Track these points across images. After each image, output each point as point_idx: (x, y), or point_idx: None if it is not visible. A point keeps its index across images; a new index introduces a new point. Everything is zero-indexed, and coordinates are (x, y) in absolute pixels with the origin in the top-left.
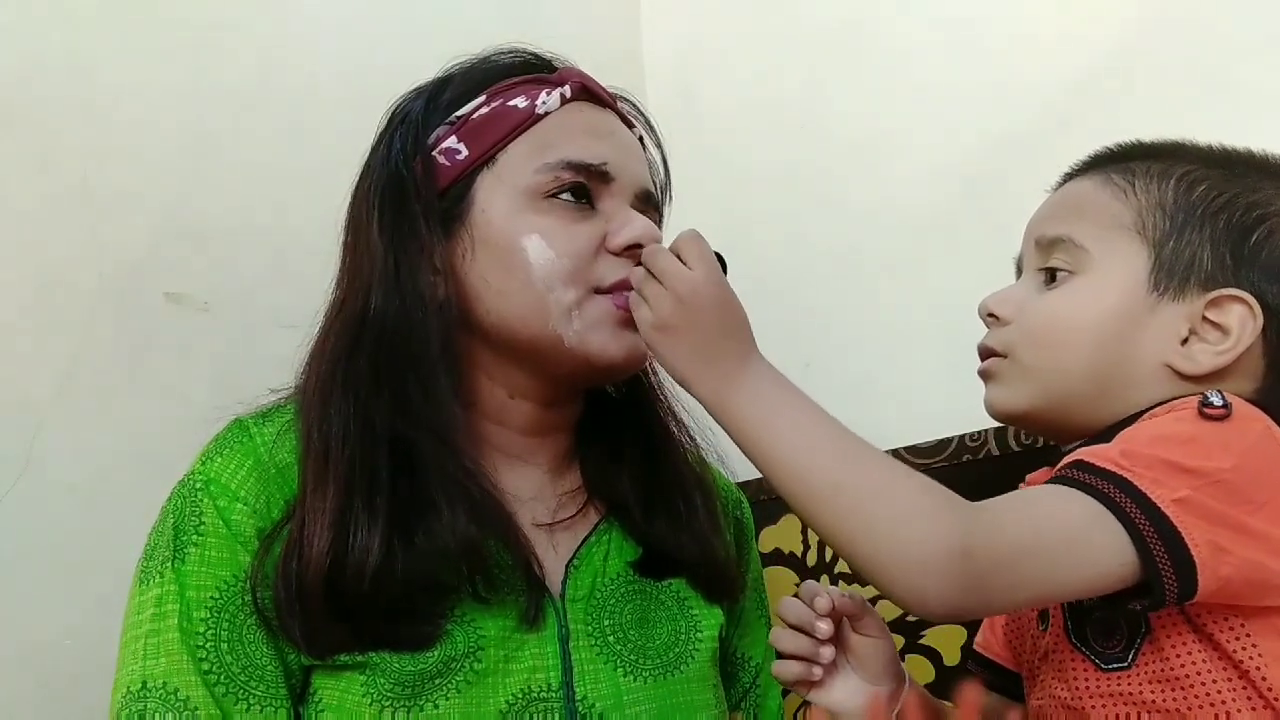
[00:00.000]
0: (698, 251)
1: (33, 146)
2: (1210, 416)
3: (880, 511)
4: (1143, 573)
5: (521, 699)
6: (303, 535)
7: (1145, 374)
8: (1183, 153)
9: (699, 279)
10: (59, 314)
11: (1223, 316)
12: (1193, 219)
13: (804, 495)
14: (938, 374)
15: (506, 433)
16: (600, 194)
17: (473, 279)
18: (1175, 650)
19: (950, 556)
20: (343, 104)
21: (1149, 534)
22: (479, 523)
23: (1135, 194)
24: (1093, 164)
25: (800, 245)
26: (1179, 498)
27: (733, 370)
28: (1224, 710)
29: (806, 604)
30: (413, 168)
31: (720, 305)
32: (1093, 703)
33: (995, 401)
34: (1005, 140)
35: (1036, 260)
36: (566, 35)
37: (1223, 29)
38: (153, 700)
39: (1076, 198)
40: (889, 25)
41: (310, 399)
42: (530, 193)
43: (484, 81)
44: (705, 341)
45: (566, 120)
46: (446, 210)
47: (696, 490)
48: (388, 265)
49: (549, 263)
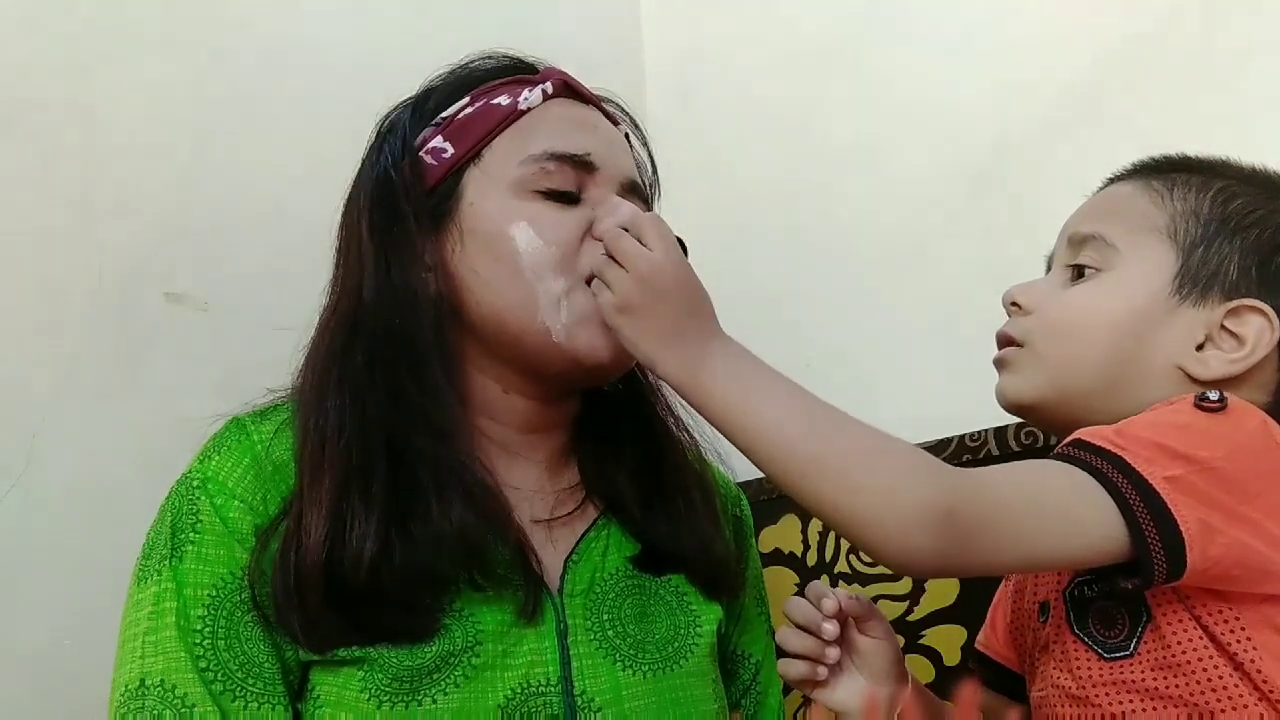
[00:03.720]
0: (657, 232)
1: (32, 148)
2: (1206, 409)
3: (863, 477)
4: (1132, 549)
5: (520, 693)
6: (300, 527)
7: (1157, 374)
8: (1224, 169)
9: (658, 259)
10: (59, 314)
11: (1240, 326)
12: (1225, 230)
13: (785, 467)
14: (937, 374)
15: (502, 429)
16: (585, 184)
17: (463, 271)
18: (1177, 638)
19: (934, 515)
20: (343, 104)
21: (1138, 508)
22: (475, 513)
23: (1172, 200)
24: (1135, 171)
25: (800, 246)
26: (1171, 476)
27: (699, 348)
28: (1226, 695)
29: (813, 605)
30: (401, 170)
31: (682, 284)
32: (1096, 691)
33: (1006, 390)
34: (1004, 142)
35: (1066, 256)
36: (567, 38)
37: (1222, 30)
38: (151, 698)
39: (1114, 199)
40: (889, 27)
41: (307, 396)
42: (516, 185)
43: (467, 84)
44: (669, 321)
45: (549, 114)
46: (435, 207)
47: (695, 487)
48: (379, 264)
49: (537, 250)
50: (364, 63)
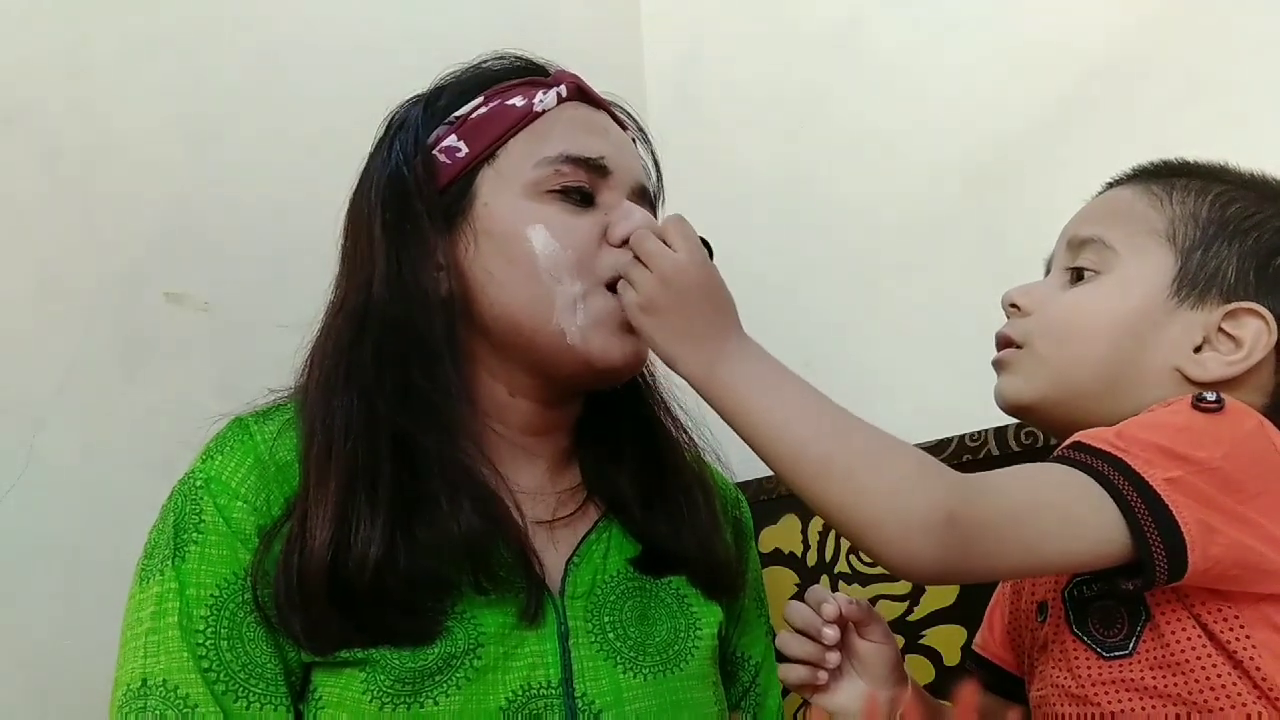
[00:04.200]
0: (682, 234)
1: (33, 146)
2: (1204, 409)
3: (869, 479)
4: (1134, 550)
5: (521, 695)
6: (305, 528)
7: (1155, 375)
8: (1223, 174)
9: (683, 260)
10: (59, 314)
11: (1238, 329)
12: (1224, 233)
13: (794, 466)
14: (937, 374)
15: (506, 430)
16: (599, 188)
17: (476, 272)
18: (1176, 637)
19: (936, 519)
20: (344, 104)
21: (1139, 509)
22: (482, 516)
23: (1171, 204)
24: (1135, 175)
25: (800, 246)
26: (1170, 477)
27: (719, 348)
28: (1225, 694)
29: (813, 609)
30: (413, 167)
31: (705, 285)
32: (1096, 690)
33: (1005, 391)
34: (1004, 141)
35: (1066, 259)
36: (567, 39)
37: (1220, 30)
38: (153, 698)
39: (1113, 203)
40: (888, 28)
41: (313, 394)
42: (531, 187)
43: (481, 84)
44: (691, 320)
45: (563, 117)
46: (449, 206)
47: (696, 487)
48: (390, 262)
49: (554, 253)
50: (365, 63)
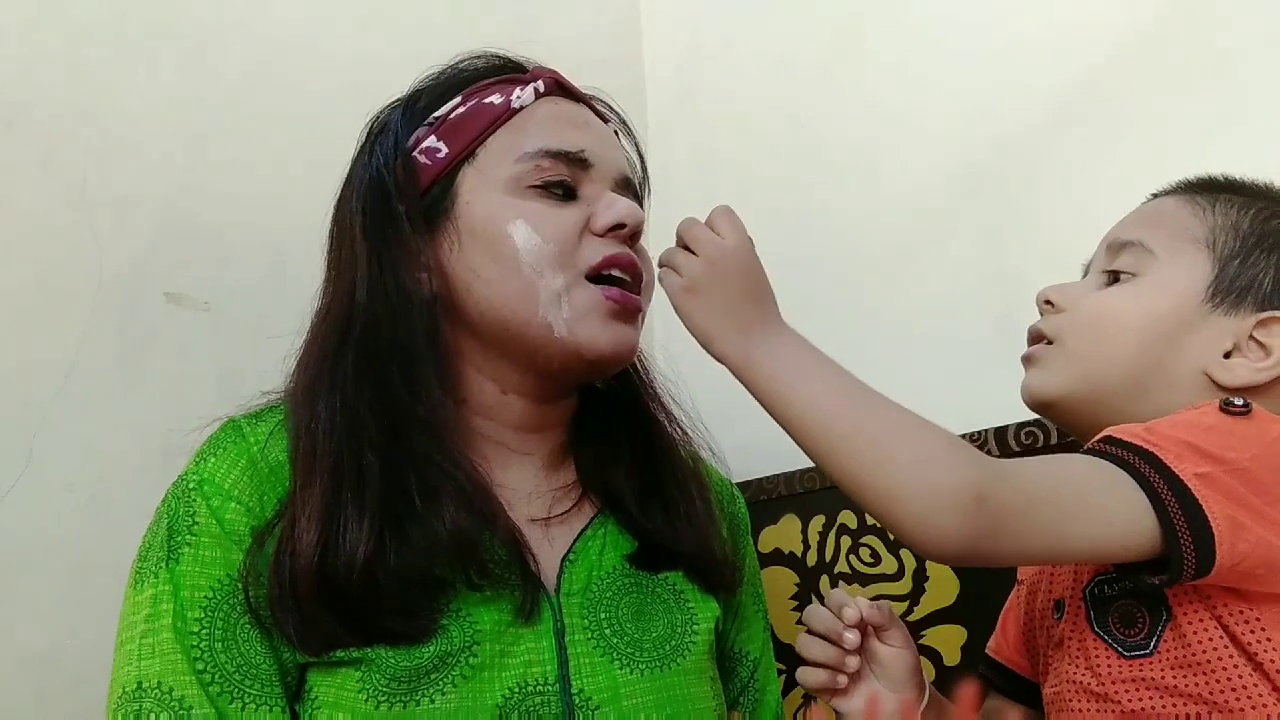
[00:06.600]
0: (730, 223)
1: (33, 146)
2: (1232, 412)
3: (898, 452)
4: (1162, 543)
5: (518, 693)
6: (294, 530)
7: (1183, 378)
8: (1266, 192)
9: (729, 245)
10: (59, 314)
11: (1269, 337)
12: (1263, 245)
13: (822, 438)
14: (937, 374)
15: (499, 429)
16: (580, 181)
17: (460, 271)
18: (1197, 637)
19: (965, 498)
20: (342, 104)
21: (1170, 502)
22: (468, 513)
23: (1214, 214)
24: (1179, 188)
25: (799, 247)
26: (1201, 473)
27: (757, 329)
28: (1245, 694)
29: (834, 614)
30: (394, 170)
31: (748, 270)
32: (1117, 688)
33: (1032, 385)
34: (1004, 142)
35: (1104, 262)
36: (567, 40)
37: (1222, 30)
38: (148, 700)
39: (1155, 211)
40: (888, 28)
41: (299, 398)
42: (512, 183)
43: (459, 84)
44: (731, 302)
45: (542, 112)
46: (430, 207)
47: (692, 483)
48: (372, 265)
49: (536, 248)
50: (363, 64)
